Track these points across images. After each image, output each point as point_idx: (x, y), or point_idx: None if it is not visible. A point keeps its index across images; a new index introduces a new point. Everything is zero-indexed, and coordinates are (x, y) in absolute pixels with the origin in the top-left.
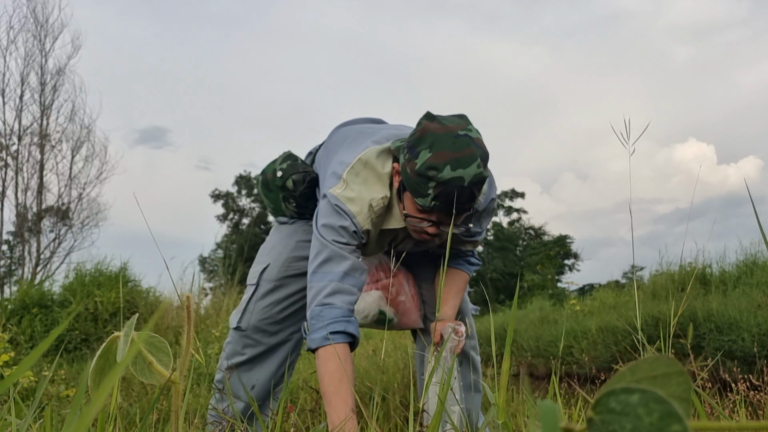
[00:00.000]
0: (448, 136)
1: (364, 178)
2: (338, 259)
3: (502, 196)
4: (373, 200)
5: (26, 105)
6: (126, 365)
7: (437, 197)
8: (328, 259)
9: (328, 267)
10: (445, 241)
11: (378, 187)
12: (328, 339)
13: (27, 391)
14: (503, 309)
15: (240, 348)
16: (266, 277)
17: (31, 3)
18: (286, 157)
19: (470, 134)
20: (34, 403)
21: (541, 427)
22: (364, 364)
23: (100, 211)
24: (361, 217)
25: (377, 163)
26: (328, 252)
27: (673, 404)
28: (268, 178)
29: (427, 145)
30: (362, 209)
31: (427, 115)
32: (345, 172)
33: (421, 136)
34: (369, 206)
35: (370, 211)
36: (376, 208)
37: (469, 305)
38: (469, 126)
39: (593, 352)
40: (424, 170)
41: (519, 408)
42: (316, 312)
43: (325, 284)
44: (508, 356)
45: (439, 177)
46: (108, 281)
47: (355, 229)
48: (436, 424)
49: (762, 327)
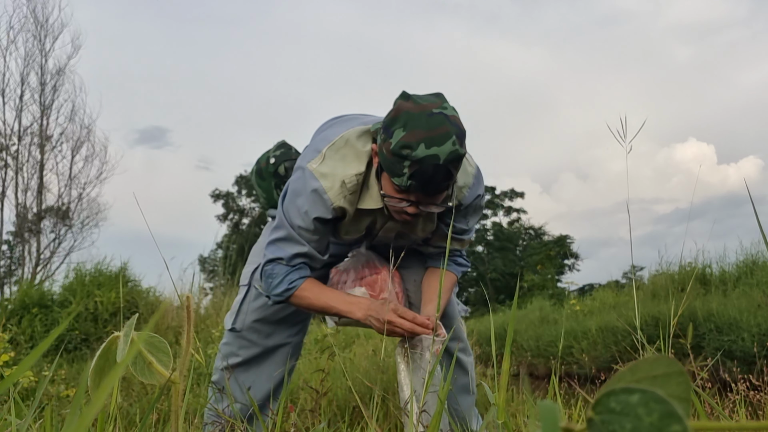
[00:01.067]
0: (422, 115)
1: (342, 155)
2: (294, 243)
3: (501, 196)
4: (346, 177)
5: (26, 105)
6: (126, 365)
7: (413, 176)
8: (286, 238)
9: (284, 245)
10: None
11: (354, 165)
12: (291, 288)
13: (27, 391)
14: (503, 309)
15: (236, 349)
16: (256, 286)
17: (31, 3)
18: (280, 146)
19: (445, 112)
20: (34, 403)
21: (541, 427)
22: (364, 364)
23: (100, 211)
24: (332, 192)
25: (357, 142)
26: (287, 232)
27: (673, 404)
28: (261, 166)
29: (401, 124)
30: (333, 185)
31: (403, 94)
32: (326, 148)
33: (396, 115)
34: (342, 182)
35: (342, 188)
36: (348, 185)
37: (457, 307)
38: (445, 104)
39: (593, 352)
40: (399, 149)
41: (519, 408)
42: (267, 271)
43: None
44: (508, 356)
45: (414, 155)
46: (108, 281)
47: (326, 204)
48: (436, 424)
49: (762, 327)
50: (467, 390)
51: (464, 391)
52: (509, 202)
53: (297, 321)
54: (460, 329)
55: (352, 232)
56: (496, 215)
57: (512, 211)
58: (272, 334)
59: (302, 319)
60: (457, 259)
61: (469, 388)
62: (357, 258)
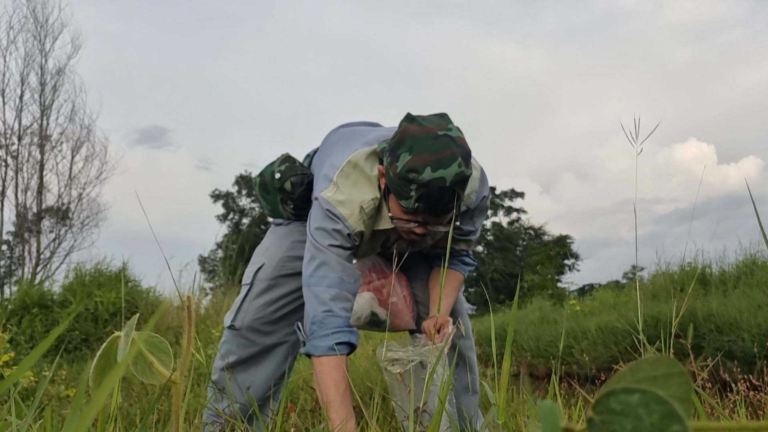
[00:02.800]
0: (427, 138)
1: (354, 181)
2: (334, 265)
3: (501, 196)
4: (364, 202)
5: (26, 105)
6: (126, 365)
7: (420, 199)
8: (323, 263)
9: (324, 271)
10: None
11: (368, 189)
12: (334, 350)
13: (27, 391)
14: (503, 309)
15: (234, 347)
16: (261, 277)
17: (31, 3)
18: (284, 159)
19: (450, 134)
20: (35, 403)
21: (541, 427)
22: (364, 364)
23: (100, 211)
24: (352, 219)
25: (366, 165)
26: (323, 257)
27: (673, 404)
28: (266, 180)
29: (407, 147)
30: (353, 212)
31: (407, 116)
32: (335, 175)
33: (401, 138)
34: (360, 208)
35: (361, 213)
36: (366, 210)
37: (465, 305)
38: (450, 125)
39: (593, 352)
40: (405, 173)
41: (519, 408)
42: (320, 318)
43: (323, 289)
44: (509, 356)
45: (420, 179)
46: (108, 281)
47: (348, 231)
48: (436, 424)
49: (762, 327)
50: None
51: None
52: (509, 202)
53: (296, 320)
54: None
55: (368, 251)
56: (496, 215)
57: (512, 211)
58: (271, 333)
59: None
60: (464, 259)
61: (474, 387)
62: (362, 262)
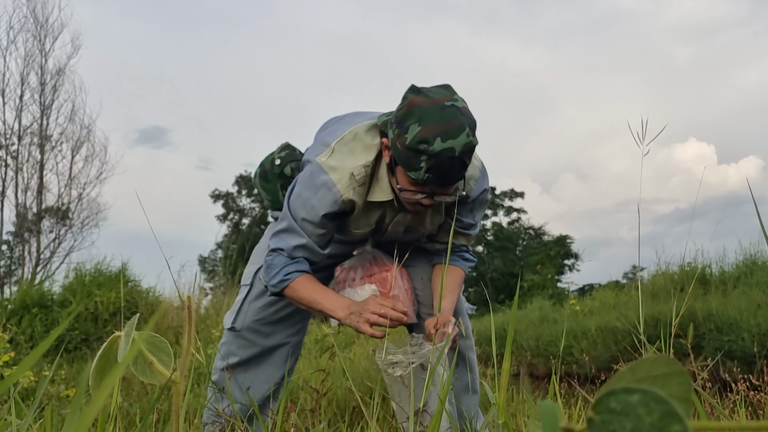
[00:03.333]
0: (435, 109)
1: (351, 149)
2: (295, 234)
3: (501, 196)
4: (355, 169)
5: (26, 105)
6: (126, 365)
7: (430, 170)
8: (287, 229)
9: (286, 236)
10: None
11: (363, 156)
12: (286, 280)
13: (27, 391)
14: (503, 309)
15: (235, 348)
16: (260, 277)
17: (31, 3)
18: (284, 147)
19: (456, 104)
20: (35, 403)
21: (541, 427)
22: (364, 364)
23: (100, 211)
24: (341, 185)
25: (366, 136)
26: (289, 224)
27: (673, 404)
28: (266, 168)
29: (416, 119)
30: (342, 177)
31: (412, 88)
32: (335, 142)
33: (409, 110)
34: (350, 175)
35: (351, 180)
36: (357, 177)
37: (465, 304)
38: (455, 96)
39: (593, 352)
40: (415, 144)
41: (519, 408)
42: (268, 261)
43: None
44: (509, 356)
45: (431, 150)
46: (108, 281)
47: (335, 198)
48: (436, 424)
49: (762, 327)
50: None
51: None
52: (509, 202)
53: (296, 321)
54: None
55: (362, 226)
56: (496, 215)
57: (512, 211)
58: (272, 334)
59: (302, 319)
60: (464, 254)
61: (474, 387)
62: (363, 255)
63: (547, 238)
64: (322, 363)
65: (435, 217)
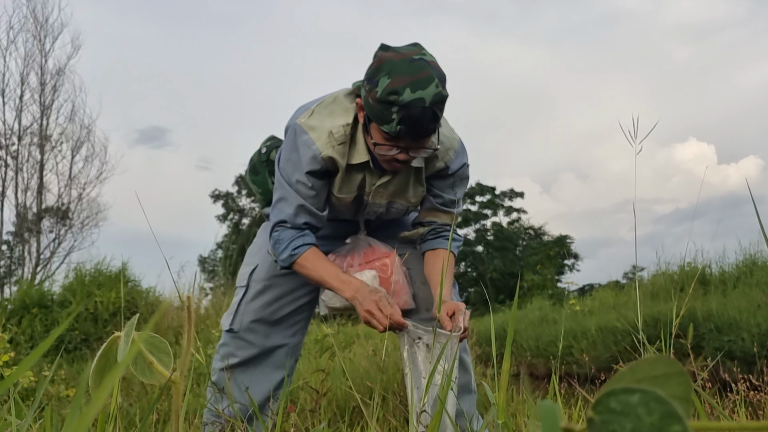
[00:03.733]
0: (404, 62)
1: (330, 111)
2: (293, 198)
3: (501, 196)
4: (334, 127)
5: (26, 105)
6: (126, 365)
7: (402, 121)
8: (284, 197)
9: (283, 205)
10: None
11: (341, 118)
12: (295, 254)
13: (27, 391)
14: (503, 309)
15: (234, 350)
16: (255, 278)
17: (31, 3)
18: (269, 138)
19: (425, 58)
20: (35, 403)
21: (541, 427)
22: (364, 364)
23: (100, 211)
24: (320, 143)
25: (345, 99)
26: (284, 191)
27: (673, 404)
28: (254, 161)
29: (385, 72)
30: (321, 136)
31: (381, 46)
32: (315, 105)
33: (378, 65)
34: (329, 133)
35: (330, 138)
36: (336, 135)
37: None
38: (423, 51)
39: (593, 352)
40: (385, 96)
41: (519, 408)
42: (274, 237)
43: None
44: (509, 356)
45: (401, 100)
46: (108, 281)
47: (314, 154)
48: (436, 425)
49: (762, 327)
50: (468, 389)
51: (466, 390)
52: (509, 202)
53: (295, 322)
54: None
55: (344, 190)
56: (496, 215)
57: (512, 211)
58: (270, 335)
59: (300, 321)
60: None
61: (471, 387)
62: (357, 243)
63: (547, 238)
64: (322, 363)
65: (417, 188)
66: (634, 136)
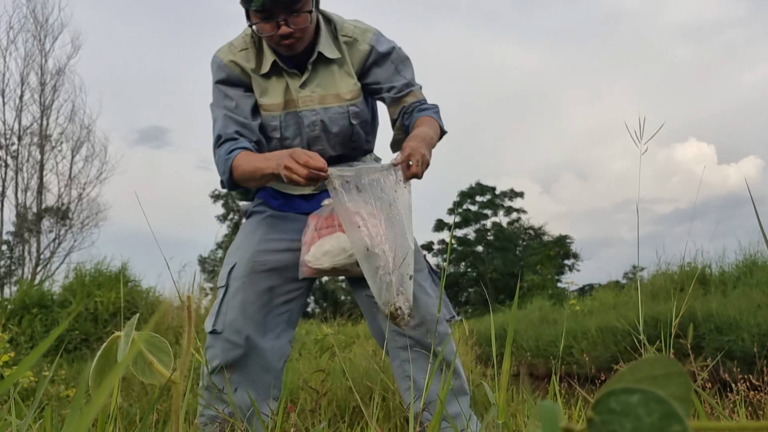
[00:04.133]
0: None
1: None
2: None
3: (501, 196)
4: (234, 39)
5: (26, 105)
6: (126, 365)
7: None
8: (214, 120)
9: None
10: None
11: (242, 36)
12: (229, 159)
13: (27, 391)
14: (503, 309)
15: (219, 351)
16: (235, 276)
17: (31, 3)
18: None
19: None
20: (34, 403)
21: (541, 427)
22: (364, 364)
23: (100, 211)
24: (221, 53)
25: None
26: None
27: (673, 404)
28: None
29: None
30: (222, 48)
31: None
32: None
33: None
34: (230, 44)
35: (230, 47)
36: (236, 43)
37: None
38: None
39: (593, 352)
40: None
41: (519, 408)
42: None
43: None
44: (509, 356)
45: None
46: (108, 281)
47: (219, 62)
48: (436, 425)
49: (762, 327)
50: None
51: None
52: (509, 202)
53: (280, 321)
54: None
55: (267, 97)
56: (496, 215)
57: (512, 211)
58: (255, 335)
59: (286, 319)
60: (422, 105)
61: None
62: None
63: (547, 238)
64: (322, 363)
65: (346, 80)
66: (640, 136)
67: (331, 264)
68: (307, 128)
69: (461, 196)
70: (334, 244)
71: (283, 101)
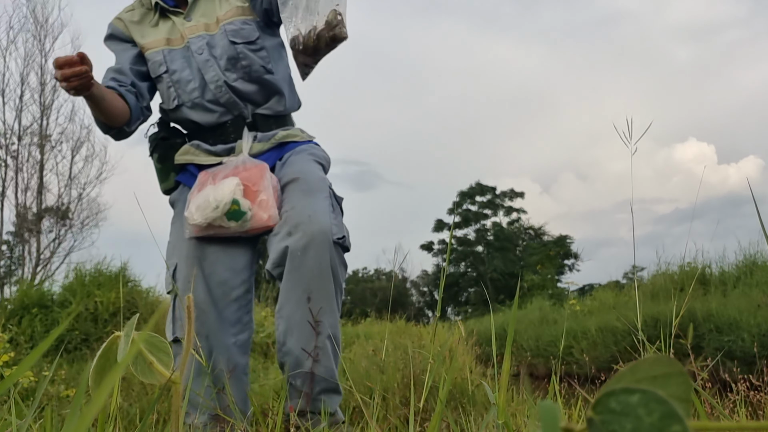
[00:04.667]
0: None
1: None
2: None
3: (501, 196)
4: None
5: (26, 105)
6: (126, 365)
7: None
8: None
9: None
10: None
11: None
12: None
13: (27, 391)
14: (503, 309)
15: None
16: (179, 276)
17: (31, 3)
18: None
19: None
20: (34, 403)
21: (541, 427)
22: (364, 364)
23: (100, 211)
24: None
25: None
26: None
27: (673, 404)
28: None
29: None
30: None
31: None
32: None
33: None
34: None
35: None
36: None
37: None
38: None
39: (593, 352)
40: None
41: (519, 408)
42: None
43: None
44: (509, 356)
45: None
46: (108, 281)
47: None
48: (435, 425)
49: (762, 327)
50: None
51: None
52: (509, 202)
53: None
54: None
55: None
56: (496, 215)
57: (512, 211)
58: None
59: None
60: None
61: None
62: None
63: (547, 238)
64: None
65: (222, 4)
66: (630, 136)
67: (203, 218)
68: (196, 54)
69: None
70: (203, 198)
71: (166, 38)
